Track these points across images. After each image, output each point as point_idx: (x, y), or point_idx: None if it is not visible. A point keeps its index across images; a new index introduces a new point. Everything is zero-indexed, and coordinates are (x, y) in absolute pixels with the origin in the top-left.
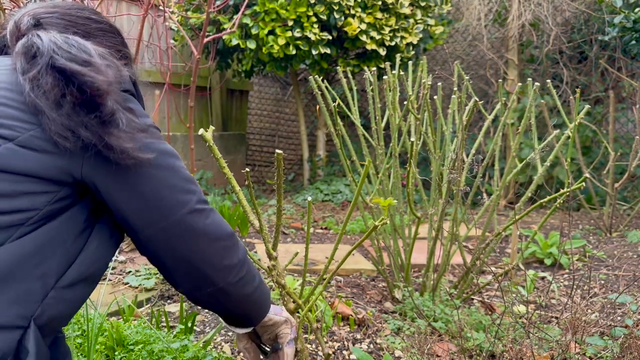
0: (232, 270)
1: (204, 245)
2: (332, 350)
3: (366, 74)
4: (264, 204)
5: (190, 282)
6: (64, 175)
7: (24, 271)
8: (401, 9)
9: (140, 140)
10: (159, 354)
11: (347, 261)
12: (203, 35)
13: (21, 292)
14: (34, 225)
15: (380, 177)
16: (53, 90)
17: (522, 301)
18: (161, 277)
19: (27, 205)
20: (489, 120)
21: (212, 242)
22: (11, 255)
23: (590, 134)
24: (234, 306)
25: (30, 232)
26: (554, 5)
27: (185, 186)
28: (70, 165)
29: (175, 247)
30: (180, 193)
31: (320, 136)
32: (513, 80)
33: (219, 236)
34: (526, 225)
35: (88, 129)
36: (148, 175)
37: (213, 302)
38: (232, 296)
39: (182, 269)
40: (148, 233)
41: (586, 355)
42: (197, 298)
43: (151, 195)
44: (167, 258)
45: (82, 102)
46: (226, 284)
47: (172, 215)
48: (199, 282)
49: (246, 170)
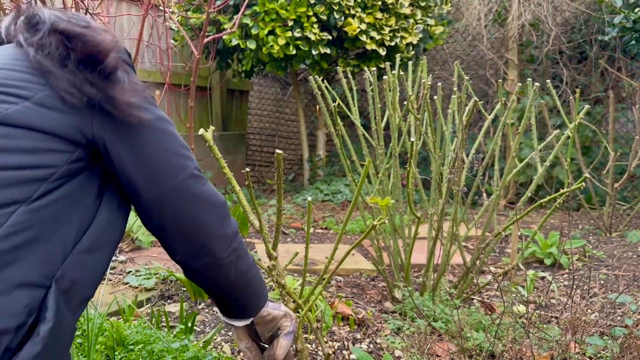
0: (227, 241)
1: (202, 210)
2: (332, 350)
3: (366, 74)
4: (264, 204)
5: (188, 249)
6: (78, 135)
7: (47, 232)
8: (401, 9)
9: (142, 98)
10: (159, 353)
11: (347, 261)
12: (203, 36)
13: (45, 253)
14: (54, 183)
15: (380, 177)
16: (57, 50)
17: (522, 301)
18: (161, 277)
19: (48, 162)
20: (489, 120)
21: (209, 208)
22: (37, 216)
23: (590, 134)
24: (230, 284)
25: (52, 191)
26: (553, 6)
27: (183, 152)
28: (83, 124)
29: (175, 211)
30: (179, 157)
31: (320, 136)
32: (513, 80)
33: (215, 203)
34: (526, 225)
35: (93, 85)
36: (150, 138)
37: (209, 276)
38: (228, 271)
39: (180, 235)
40: (150, 196)
41: (586, 355)
42: (194, 269)
43: (154, 157)
44: (167, 223)
45: (85, 60)
46: (222, 256)
47: (173, 179)
48: (196, 251)
49: (246, 170)
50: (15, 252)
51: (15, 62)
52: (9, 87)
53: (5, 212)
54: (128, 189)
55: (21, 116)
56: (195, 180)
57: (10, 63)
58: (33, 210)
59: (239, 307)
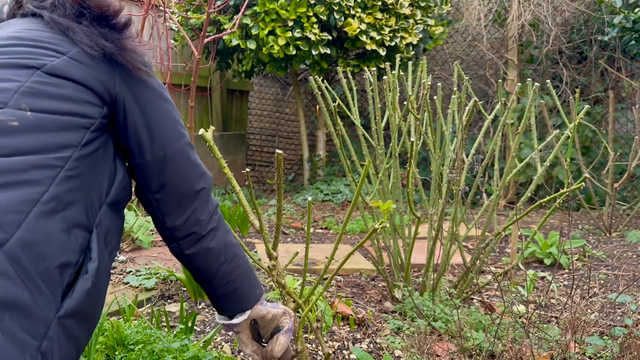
0: (213, 210)
1: (196, 176)
2: (332, 350)
3: (366, 74)
4: (264, 204)
5: (179, 214)
6: (105, 92)
7: (90, 180)
8: (401, 9)
9: (147, 58)
10: (159, 353)
11: (347, 261)
12: (203, 36)
13: (89, 200)
14: (93, 134)
15: (380, 177)
16: (72, 8)
17: (522, 301)
18: (161, 277)
19: (88, 112)
20: (489, 120)
21: (200, 174)
22: (84, 163)
23: (589, 134)
24: (215, 258)
25: (92, 141)
26: (553, 6)
27: (181, 121)
28: (108, 81)
29: (173, 173)
30: (179, 126)
31: (320, 136)
32: (513, 81)
33: (206, 173)
34: (526, 225)
35: (107, 39)
36: (159, 102)
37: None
38: (210, 241)
39: (175, 197)
40: (155, 157)
41: (586, 355)
42: (181, 237)
43: (162, 121)
44: (166, 183)
45: (99, 17)
46: (205, 227)
47: (176, 143)
48: (186, 217)
49: (246, 170)
50: (71, 194)
51: (37, 27)
52: (46, 43)
53: (64, 155)
54: (134, 150)
55: (64, 68)
56: (191, 148)
57: (33, 27)
58: (81, 157)
59: (233, 291)
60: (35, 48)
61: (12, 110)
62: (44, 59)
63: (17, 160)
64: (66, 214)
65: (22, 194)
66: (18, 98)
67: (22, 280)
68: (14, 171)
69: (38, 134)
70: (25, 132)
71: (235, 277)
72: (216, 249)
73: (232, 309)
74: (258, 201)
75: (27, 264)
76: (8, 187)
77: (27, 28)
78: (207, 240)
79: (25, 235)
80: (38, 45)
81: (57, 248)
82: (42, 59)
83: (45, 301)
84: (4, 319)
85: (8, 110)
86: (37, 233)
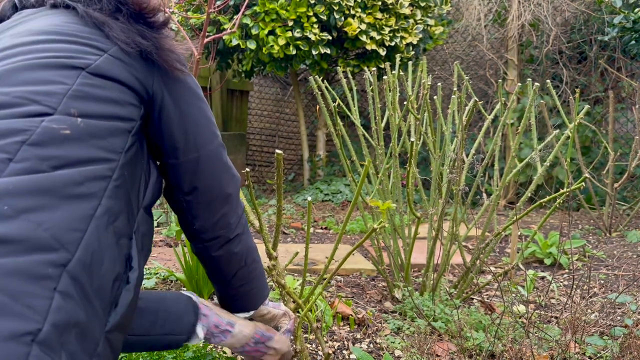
0: (241, 214)
1: (227, 177)
2: (332, 350)
3: (366, 74)
4: (264, 204)
5: (209, 216)
6: (143, 90)
7: (130, 186)
8: (401, 9)
9: (183, 56)
10: (158, 353)
11: (347, 261)
12: (203, 36)
13: (130, 207)
14: (134, 138)
15: (380, 177)
16: (109, 3)
17: (522, 301)
18: (162, 277)
19: (130, 114)
20: (489, 120)
21: (231, 177)
22: (126, 169)
23: (589, 134)
24: (237, 261)
25: (132, 146)
26: (553, 6)
27: (214, 121)
28: (146, 79)
29: (206, 175)
30: (213, 126)
31: (320, 136)
32: (513, 81)
33: (236, 175)
34: (526, 225)
35: (144, 37)
36: (193, 101)
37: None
38: (236, 246)
39: (207, 199)
40: (188, 158)
41: (586, 355)
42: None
43: (197, 120)
44: (199, 184)
45: (136, 15)
46: (233, 230)
47: (210, 144)
48: (216, 219)
49: (246, 170)
50: (118, 204)
51: (72, 20)
52: (86, 39)
53: (112, 165)
54: (168, 149)
55: (108, 67)
56: (223, 149)
57: (68, 20)
58: (125, 164)
59: (245, 292)
60: (76, 45)
61: (62, 116)
62: (88, 58)
63: (71, 173)
64: (116, 226)
65: (79, 210)
66: (67, 102)
67: (82, 300)
68: (69, 184)
69: (88, 143)
70: (77, 140)
71: (251, 280)
72: (240, 253)
73: (239, 308)
74: (258, 201)
75: (86, 283)
76: (66, 202)
77: (63, 21)
78: (233, 244)
79: (84, 253)
80: (78, 41)
81: (109, 263)
82: (86, 57)
83: (96, 318)
84: (71, 341)
85: (59, 116)
86: (94, 251)
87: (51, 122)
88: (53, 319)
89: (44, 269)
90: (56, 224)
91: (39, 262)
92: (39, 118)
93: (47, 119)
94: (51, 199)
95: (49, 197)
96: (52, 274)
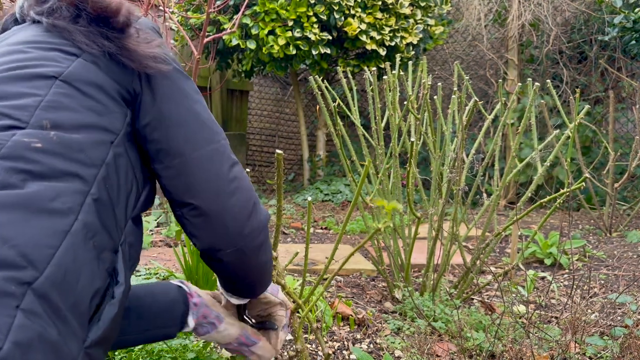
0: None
1: (228, 188)
2: (332, 350)
3: (366, 74)
4: (264, 204)
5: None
6: (125, 92)
7: (116, 198)
8: (401, 9)
9: (158, 50)
10: (159, 354)
11: (347, 261)
12: (203, 36)
13: (114, 220)
14: (117, 149)
15: (380, 177)
16: (68, 11)
17: (522, 301)
18: (161, 277)
19: (111, 124)
20: (489, 120)
21: (235, 189)
22: (109, 182)
23: (590, 134)
24: (245, 273)
25: (116, 157)
26: (553, 6)
27: (212, 126)
28: (125, 79)
29: (196, 183)
30: (209, 130)
31: (320, 136)
32: (513, 80)
33: (241, 185)
34: (526, 225)
35: (107, 38)
36: (180, 102)
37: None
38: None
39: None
40: (173, 162)
41: (586, 355)
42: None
43: (183, 121)
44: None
45: (97, 18)
46: (256, 243)
47: (200, 148)
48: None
49: (246, 170)
50: (99, 219)
51: (40, 32)
52: (58, 45)
53: (89, 178)
54: (152, 154)
55: (81, 72)
56: (220, 155)
57: (37, 33)
58: (106, 177)
59: (245, 289)
60: (47, 51)
61: (34, 130)
62: (60, 64)
63: (44, 187)
64: (96, 240)
65: (51, 225)
66: (39, 114)
67: (50, 317)
68: (41, 199)
69: (63, 156)
70: (49, 154)
71: (260, 278)
72: (258, 264)
73: (238, 294)
74: None
75: (57, 300)
76: (36, 218)
77: (36, 33)
78: (245, 257)
79: (55, 270)
80: (49, 47)
81: (87, 280)
82: (58, 64)
83: (72, 335)
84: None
85: (31, 130)
86: (67, 267)
87: (22, 136)
88: (15, 337)
89: (7, 286)
90: (25, 240)
91: (1, 280)
92: (9, 132)
93: (19, 132)
94: (21, 215)
95: (19, 213)
96: (15, 292)
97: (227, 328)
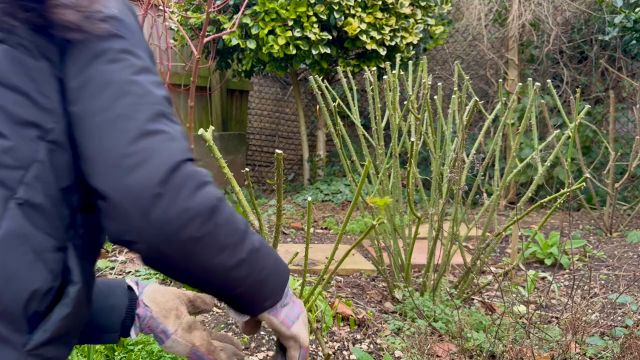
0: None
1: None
2: (332, 350)
3: (366, 74)
4: (264, 204)
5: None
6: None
7: (55, 193)
8: (401, 9)
9: (86, 14)
10: (158, 354)
11: (346, 261)
12: (203, 35)
13: (56, 217)
14: (51, 145)
15: (380, 177)
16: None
17: (523, 301)
18: (161, 278)
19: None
20: (489, 120)
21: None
22: (42, 181)
23: (590, 134)
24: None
25: (51, 151)
26: (554, 5)
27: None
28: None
29: (104, 142)
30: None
31: (320, 136)
32: (513, 80)
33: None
34: (526, 225)
35: (27, 10)
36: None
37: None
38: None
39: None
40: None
41: (586, 356)
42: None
43: (91, 79)
44: (94, 156)
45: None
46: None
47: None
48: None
49: (246, 170)
50: (31, 221)
51: None
52: None
53: (10, 184)
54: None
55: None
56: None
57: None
58: (37, 176)
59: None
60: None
61: None
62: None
63: None
64: (33, 244)
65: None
66: None
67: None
68: None
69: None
70: None
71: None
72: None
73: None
74: (258, 201)
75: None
76: None
77: None
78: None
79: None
80: None
81: (20, 284)
82: None
83: (4, 343)
84: None
85: None
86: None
87: None
88: None
89: None
90: None
91: None
92: None
93: None
94: None
95: None
96: None
97: (173, 346)
